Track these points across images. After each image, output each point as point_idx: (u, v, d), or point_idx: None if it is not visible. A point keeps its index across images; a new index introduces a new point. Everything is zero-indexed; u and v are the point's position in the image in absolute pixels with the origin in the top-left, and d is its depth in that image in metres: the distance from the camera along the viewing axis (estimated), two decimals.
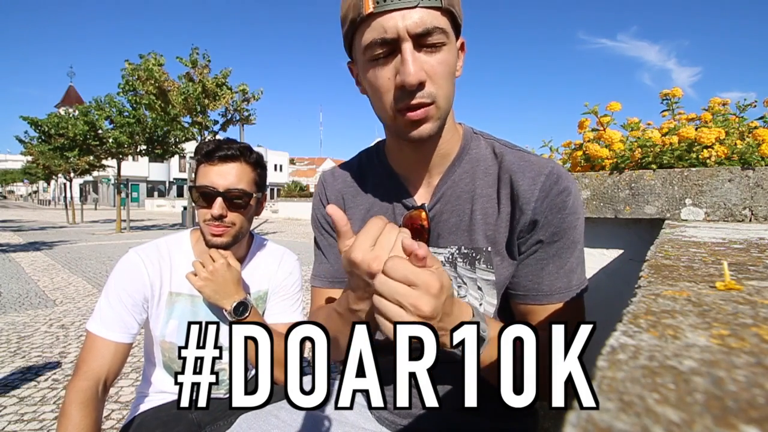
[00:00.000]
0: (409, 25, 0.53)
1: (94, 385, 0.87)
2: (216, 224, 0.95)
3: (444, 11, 0.55)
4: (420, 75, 0.54)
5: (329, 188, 0.78)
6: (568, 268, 0.62)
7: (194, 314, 1.01)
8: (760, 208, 1.05)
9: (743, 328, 0.26)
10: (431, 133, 0.59)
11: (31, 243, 9.02)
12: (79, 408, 0.82)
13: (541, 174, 0.62)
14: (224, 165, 0.96)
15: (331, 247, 0.76)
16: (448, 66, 0.57)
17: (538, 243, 0.62)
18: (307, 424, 0.70)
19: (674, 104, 1.51)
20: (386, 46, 0.55)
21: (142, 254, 0.99)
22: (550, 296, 0.61)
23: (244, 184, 0.97)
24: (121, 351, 0.93)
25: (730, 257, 0.52)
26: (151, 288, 0.98)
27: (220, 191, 0.94)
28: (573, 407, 0.18)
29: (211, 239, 0.96)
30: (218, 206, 0.94)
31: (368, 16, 0.54)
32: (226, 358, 1.04)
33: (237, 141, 1.00)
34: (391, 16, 0.53)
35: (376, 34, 0.54)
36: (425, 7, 0.53)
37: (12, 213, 25.66)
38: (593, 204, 1.28)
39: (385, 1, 0.52)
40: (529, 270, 0.63)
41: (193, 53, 10.55)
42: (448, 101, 0.59)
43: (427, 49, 0.55)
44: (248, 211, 1.01)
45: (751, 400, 0.17)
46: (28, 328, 3.14)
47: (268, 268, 1.11)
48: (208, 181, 0.95)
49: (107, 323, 0.92)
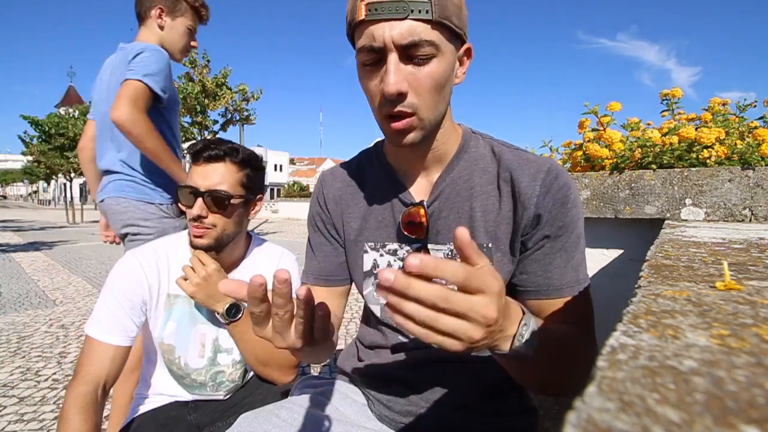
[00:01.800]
0: (395, 36, 0.53)
1: (94, 389, 0.87)
2: (195, 225, 0.94)
3: (435, 24, 0.54)
4: (400, 86, 0.55)
5: (327, 188, 0.78)
6: (575, 263, 0.63)
7: (193, 316, 1.01)
8: (760, 208, 1.05)
9: (743, 328, 0.26)
10: (414, 142, 0.60)
11: (31, 243, 9.02)
12: (79, 413, 0.82)
13: (541, 171, 0.63)
14: (208, 165, 0.95)
15: (322, 246, 0.78)
16: (434, 79, 0.57)
17: (545, 238, 0.63)
18: (308, 423, 0.70)
19: (674, 104, 1.51)
20: (374, 54, 0.56)
21: (140, 257, 0.99)
22: (561, 290, 0.62)
23: (226, 185, 0.95)
24: (120, 354, 0.93)
25: (730, 257, 0.52)
26: (149, 290, 0.97)
27: (200, 191, 0.93)
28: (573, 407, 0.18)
29: (193, 240, 0.96)
30: (197, 207, 0.93)
31: (360, 23, 0.55)
32: (226, 360, 1.04)
33: (227, 141, 0.98)
34: (381, 25, 0.54)
35: (366, 41, 0.55)
36: (415, 20, 0.53)
37: (12, 213, 25.66)
38: (593, 204, 1.28)
39: (376, 10, 0.53)
40: (538, 266, 0.63)
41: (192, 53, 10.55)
42: (434, 112, 0.60)
43: (415, 60, 0.55)
44: (232, 212, 0.98)
45: (751, 400, 0.17)
46: (28, 328, 3.14)
47: (266, 269, 1.10)
48: (191, 181, 0.95)
49: (106, 327, 0.92)
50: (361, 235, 0.73)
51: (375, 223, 0.73)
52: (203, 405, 1.03)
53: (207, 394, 1.03)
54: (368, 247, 0.73)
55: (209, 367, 1.02)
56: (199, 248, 0.96)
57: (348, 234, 0.75)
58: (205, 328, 1.01)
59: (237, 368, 1.05)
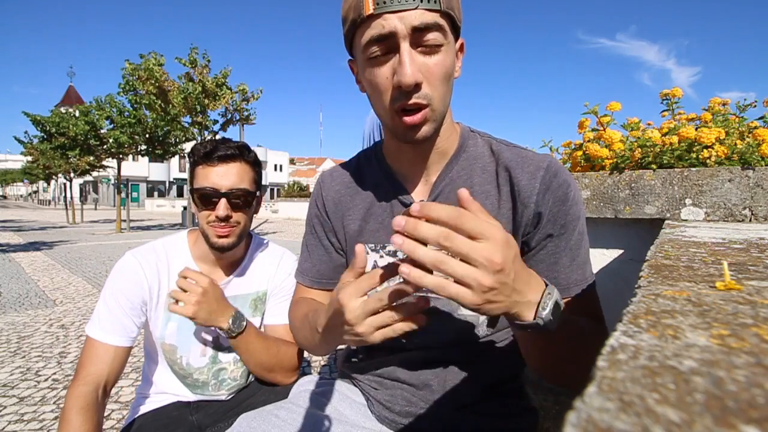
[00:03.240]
0: (409, 18, 0.53)
1: (94, 390, 0.86)
2: (221, 225, 0.94)
3: (443, 14, 0.55)
4: (417, 76, 0.54)
5: (326, 190, 0.79)
6: (581, 260, 0.62)
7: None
8: (760, 208, 1.05)
9: (743, 328, 0.26)
10: (428, 135, 0.60)
11: (31, 243, 9.02)
12: (80, 413, 0.82)
13: (540, 168, 0.63)
14: (224, 165, 0.95)
15: (316, 249, 0.79)
16: (444, 68, 0.57)
17: (548, 237, 0.62)
18: (308, 424, 0.70)
19: (674, 104, 1.51)
20: (384, 44, 0.55)
21: (139, 257, 0.99)
22: (568, 289, 0.61)
23: (246, 184, 0.97)
24: (120, 354, 0.93)
25: (730, 257, 0.52)
26: (149, 291, 0.97)
27: (222, 192, 0.94)
28: (573, 407, 0.18)
29: (217, 241, 0.95)
30: (223, 207, 0.93)
31: (368, 17, 0.55)
32: (228, 358, 1.04)
33: (234, 140, 0.99)
34: (391, 16, 0.53)
35: (375, 31, 0.55)
36: (425, 9, 0.54)
37: (12, 213, 25.66)
38: (593, 204, 1.27)
39: (384, 3, 0.53)
40: (544, 266, 0.62)
41: (192, 53, 10.55)
42: (444, 103, 0.59)
43: (424, 48, 0.55)
44: (251, 210, 1.01)
45: (751, 400, 0.17)
46: (28, 328, 3.14)
47: (267, 269, 1.10)
48: (209, 182, 0.94)
49: (106, 327, 0.92)
50: (361, 237, 0.73)
51: (375, 224, 0.73)
52: (205, 406, 1.03)
53: (209, 393, 1.03)
54: (368, 248, 0.73)
55: (211, 365, 1.02)
56: (224, 248, 0.96)
57: (348, 236, 0.75)
58: (206, 327, 1.01)
59: (239, 366, 1.05)
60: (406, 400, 0.71)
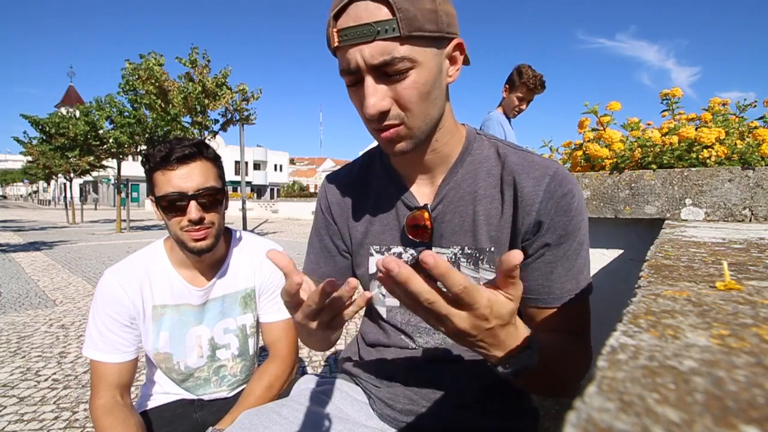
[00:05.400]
0: (366, 57, 0.54)
1: (112, 398, 0.91)
2: (196, 228, 0.90)
3: (405, 39, 0.53)
4: (379, 106, 0.56)
5: (331, 194, 0.79)
6: (576, 270, 0.62)
7: (183, 321, 1.00)
8: (760, 208, 1.05)
9: (743, 328, 0.26)
10: (405, 149, 0.61)
11: (31, 243, 9.02)
12: (106, 415, 0.87)
13: (546, 175, 0.62)
14: (185, 166, 0.89)
15: (321, 251, 0.80)
16: (416, 89, 0.56)
17: (545, 246, 0.62)
18: (309, 421, 0.70)
19: (674, 104, 1.51)
20: (353, 75, 0.57)
21: (117, 275, 0.96)
22: (561, 299, 0.62)
23: (212, 181, 0.92)
24: (126, 367, 0.94)
25: (730, 257, 0.52)
26: (134, 307, 0.96)
27: (189, 194, 0.88)
28: (573, 407, 0.18)
29: (195, 245, 0.91)
30: (194, 210, 0.88)
31: (336, 49, 0.57)
32: (226, 355, 1.04)
33: (188, 138, 0.93)
34: (353, 50, 0.54)
35: (344, 65, 0.57)
36: (382, 40, 0.53)
37: (12, 213, 25.66)
38: (593, 204, 1.28)
39: (346, 36, 0.54)
40: (539, 274, 0.62)
41: (192, 53, 10.54)
42: (422, 119, 0.59)
43: (393, 77, 0.55)
44: (221, 207, 0.96)
45: (751, 400, 0.17)
46: (28, 328, 3.14)
47: (251, 264, 1.06)
48: (173, 186, 0.88)
49: (101, 348, 0.93)
50: (367, 239, 0.74)
51: (380, 226, 0.73)
52: (209, 403, 1.04)
53: (211, 390, 1.03)
54: (373, 250, 0.73)
55: (210, 363, 1.02)
56: (203, 251, 0.92)
57: (354, 237, 0.75)
58: (199, 330, 1.01)
59: (237, 362, 1.05)
60: (407, 398, 0.71)
